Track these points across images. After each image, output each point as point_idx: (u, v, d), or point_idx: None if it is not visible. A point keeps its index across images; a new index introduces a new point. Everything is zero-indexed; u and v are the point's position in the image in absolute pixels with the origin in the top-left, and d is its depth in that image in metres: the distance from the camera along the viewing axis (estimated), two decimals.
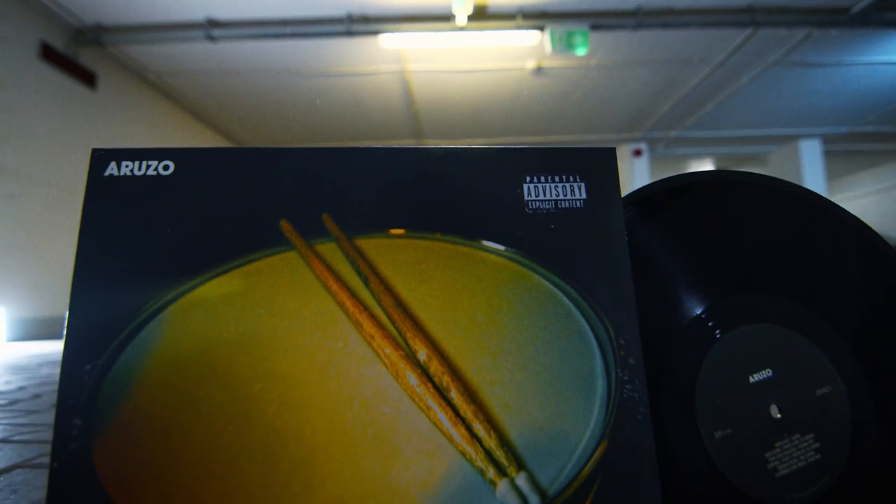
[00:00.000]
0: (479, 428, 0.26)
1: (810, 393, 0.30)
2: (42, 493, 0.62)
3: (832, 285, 0.31)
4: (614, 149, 0.32)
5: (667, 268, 0.32)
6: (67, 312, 0.27)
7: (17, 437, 0.89)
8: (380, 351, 0.27)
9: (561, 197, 0.30)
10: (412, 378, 0.27)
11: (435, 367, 0.27)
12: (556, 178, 0.31)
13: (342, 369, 0.27)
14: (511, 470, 0.26)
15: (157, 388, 0.26)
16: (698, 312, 0.31)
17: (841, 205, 0.32)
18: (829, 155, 7.37)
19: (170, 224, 0.28)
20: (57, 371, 1.70)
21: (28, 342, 3.10)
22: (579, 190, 0.31)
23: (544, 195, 0.30)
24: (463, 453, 0.26)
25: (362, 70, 4.50)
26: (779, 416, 0.29)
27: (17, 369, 1.79)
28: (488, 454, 0.26)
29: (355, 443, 0.26)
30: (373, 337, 0.27)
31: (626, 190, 0.34)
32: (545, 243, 0.29)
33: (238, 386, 0.26)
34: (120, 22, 3.72)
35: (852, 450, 0.30)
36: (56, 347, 2.65)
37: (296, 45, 4.04)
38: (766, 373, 0.30)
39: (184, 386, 0.26)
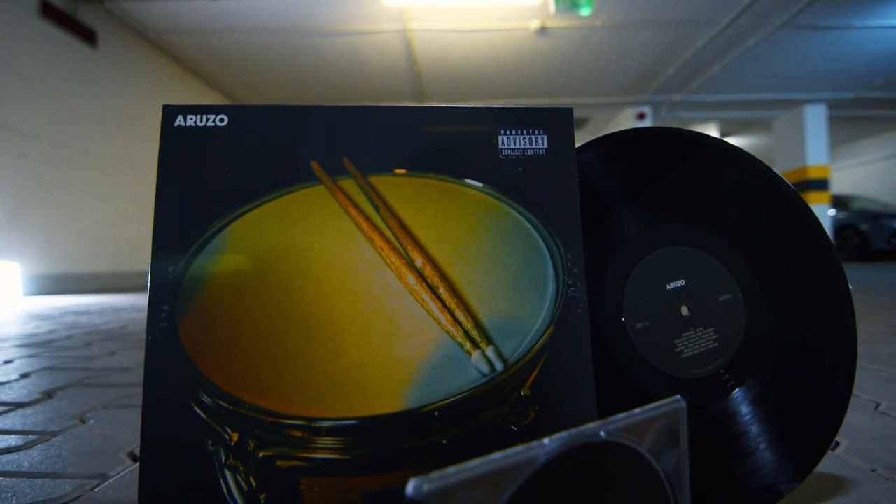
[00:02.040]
0: (459, 314, 0.36)
1: (714, 298, 0.39)
2: (90, 404, 0.74)
3: (735, 215, 0.40)
4: (571, 108, 0.40)
5: (610, 200, 0.41)
6: (152, 230, 0.37)
7: (64, 366, 1.00)
8: (387, 259, 0.36)
9: (527, 146, 0.39)
10: (411, 279, 0.36)
11: (428, 271, 0.36)
12: (525, 132, 0.39)
13: (359, 271, 0.36)
14: (482, 344, 0.36)
15: (223, 283, 0.36)
16: (632, 235, 0.40)
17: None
18: (834, 121, 7.31)
19: (226, 163, 0.37)
20: (78, 319, 1.82)
21: (44, 296, 3.23)
22: (542, 141, 0.39)
23: (514, 145, 0.39)
24: (447, 332, 0.36)
25: (364, 28, 4.45)
26: (687, 314, 0.39)
27: (43, 317, 1.91)
28: (466, 333, 0.36)
29: (369, 324, 0.36)
30: (382, 249, 0.36)
31: None
32: (514, 182, 0.38)
33: (282, 282, 0.36)
34: None
35: (743, 341, 0.39)
36: (72, 301, 2.78)
37: (296, 3, 3.99)
38: (680, 282, 0.39)
39: (242, 282, 0.36)
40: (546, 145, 0.39)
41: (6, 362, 1.03)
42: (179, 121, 0.37)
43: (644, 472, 0.22)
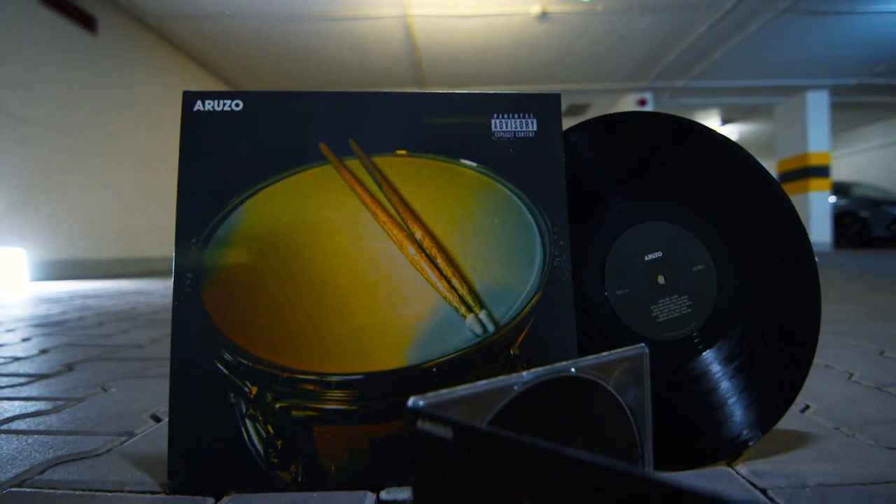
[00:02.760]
0: (455, 282, 0.40)
1: (688, 269, 0.43)
2: (109, 375, 0.78)
3: (709, 192, 0.44)
4: (559, 94, 0.43)
5: (595, 178, 0.45)
6: (176, 205, 0.40)
7: (80, 343, 1.05)
8: (389, 232, 0.40)
9: (518, 129, 0.42)
10: (411, 249, 0.40)
11: (427, 242, 0.40)
12: (516, 116, 0.42)
13: (364, 243, 0.40)
14: (476, 308, 0.39)
15: (241, 254, 0.39)
16: (615, 211, 0.44)
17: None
18: (836, 107, 7.28)
19: (242, 144, 0.41)
20: (87, 302, 1.87)
21: (50, 282, 3.28)
22: (532, 124, 0.42)
23: (506, 128, 0.42)
24: (444, 297, 0.39)
25: (364, 14, 4.43)
26: (663, 282, 0.43)
27: (53, 301, 1.96)
28: (461, 298, 0.40)
29: (373, 290, 0.39)
30: (384, 223, 0.40)
31: None
32: (505, 162, 0.42)
33: (295, 252, 0.39)
34: None
35: (714, 307, 0.43)
36: (78, 286, 2.82)
37: None
38: (658, 254, 0.43)
39: (259, 252, 0.39)
40: (535, 128, 0.42)
41: (24, 340, 1.07)
42: (198, 105, 0.41)
43: (609, 403, 0.26)
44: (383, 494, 0.38)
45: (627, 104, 6.86)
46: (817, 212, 6.52)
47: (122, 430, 0.52)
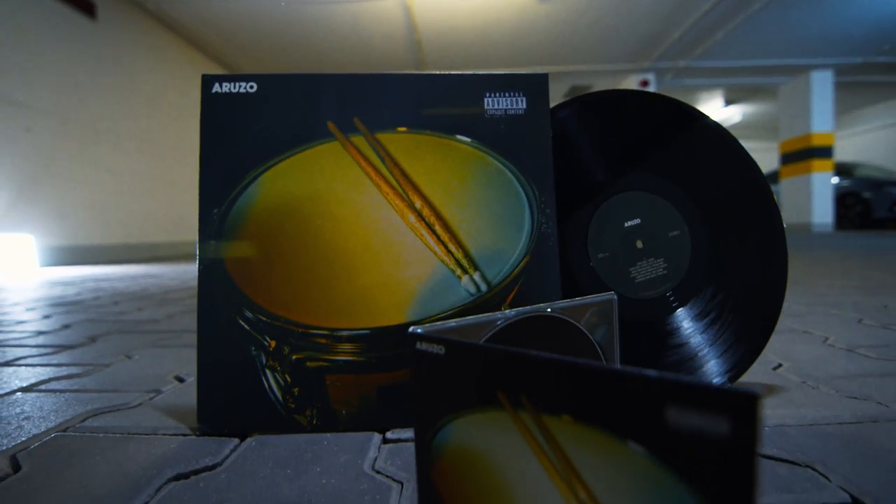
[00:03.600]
0: (451, 247, 0.44)
1: (664, 234, 0.47)
2: (131, 345, 0.83)
3: (685, 164, 0.47)
4: (546, 74, 0.47)
5: (581, 151, 0.49)
6: (199, 179, 0.44)
7: (99, 319, 1.10)
8: (391, 202, 0.44)
9: (509, 107, 0.46)
10: (411, 218, 0.44)
11: (426, 212, 0.44)
12: (507, 94, 0.46)
13: (369, 212, 0.44)
14: (470, 270, 0.44)
15: (259, 222, 0.44)
16: (598, 181, 0.48)
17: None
18: (840, 87, 7.21)
19: (257, 123, 0.44)
20: (99, 284, 1.92)
21: (58, 267, 3.34)
22: (521, 102, 0.46)
23: (498, 105, 0.46)
24: (442, 261, 0.44)
25: None
26: (641, 246, 0.47)
27: (66, 284, 2.01)
28: (457, 261, 0.44)
29: (378, 254, 0.44)
30: (387, 193, 0.44)
31: None
32: (497, 137, 0.46)
33: (307, 221, 0.44)
34: None
35: (688, 269, 0.47)
36: (87, 271, 2.88)
37: None
38: (636, 220, 0.47)
39: (274, 221, 0.44)
40: (525, 106, 0.46)
41: (45, 317, 1.12)
42: (216, 88, 0.45)
43: (580, 339, 0.30)
44: (388, 434, 0.43)
45: (629, 85, 6.82)
46: (819, 193, 6.52)
47: (149, 389, 0.57)
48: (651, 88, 6.63)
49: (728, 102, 8.64)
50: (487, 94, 0.46)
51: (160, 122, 4.68)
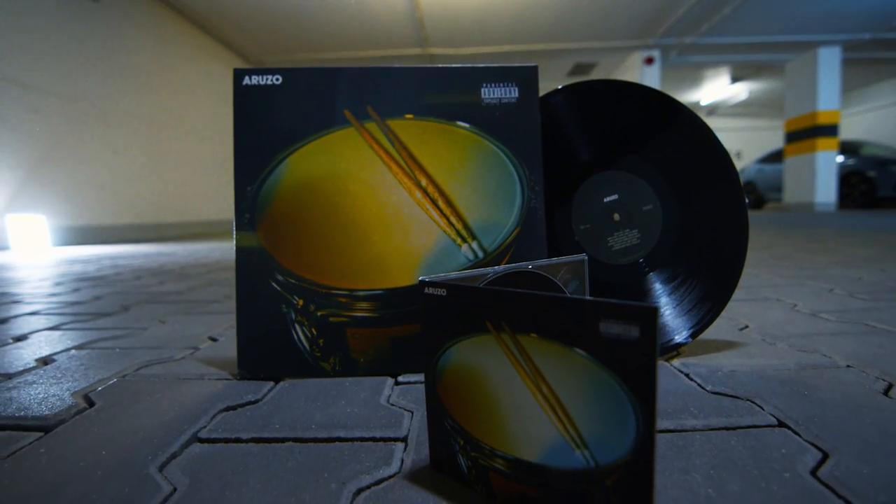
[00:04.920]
0: (452, 219, 0.51)
1: (639, 208, 0.54)
2: (163, 312, 0.91)
3: (659, 145, 0.54)
4: (536, 66, 0.53)
5: (569, 134, 0.55)
6: (234, 162, 0.51)
7: (126, 292, 1.18)
8: (400, 180, 0.51)
9: (503, 96, 0.52)
10: (418, 194, 0.51)
11: (431, 189, 0.51)
12: (501, 84, 0.52)
13: (381, 189, 0.51)
14: (469, 239, 0.51)
15: (286, 198, 0.51)
16: (581, 161, 0.54)
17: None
18: (848, 64, 7.12)
19: (283, 112, 0.51)
20: (116, 262, 2.00)
21: (70, 247, 3.43)
22: (514, 91, 0.52)
23: (493, 95, 0.52)
24: (444, 231, 0.51)
25: None
26: (618, 219, 0.54)
27: (84, 262, 2.10)
28: (457, 232, 0.51)
29: (389, 226, 0.51)
30: (397, 173, 0.51)
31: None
32: (493, 123, 0.52)
33: (328, 196, 0.51)
34: None
35: (658, 239, 0.54)
36: (100, 250, 2.97)
37: None
38: (614, 196, 0.54)
39: (300, 197, 0.51)
40: (517, 95, 0.53)
41: (75, 290, 1.21)
42: (247, 80, 0.51)
43: (555, 292, 0.37)
44: (400, 378, 0.50)
45: (634, 62, 6.76)
46: (823, 172, 6.51)
47: (188, 346, 0.65)
48: (656, 65, 6.57)
49: (734, 79, 8.55)
50: (484, 85, 0.52)
51: (165, 103, 4.71)
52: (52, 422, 0.42)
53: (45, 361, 0.60)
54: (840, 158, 6.77)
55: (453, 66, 0.52)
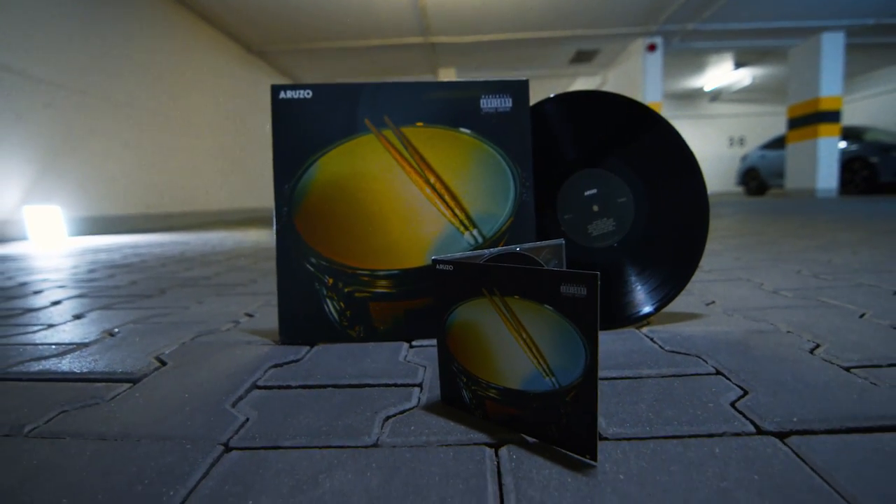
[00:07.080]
0: (457, 211, 0.61)
1: (615, 200, 0.64)
2: (197, 294, 1.01)
3: (632, 146, 0.63)
4: (527, 80, 0.62)
5: (556, 137, 0.65)
6: (273, 164, 0.61)
7: (157, 277, 1.28)
8: (412, 178, 0.61)
9: (499, 105, 0.62)
10: (427, 189, 0.61)
11: (438, 185, 0.61)
12: (497, 96, 0.62)
13: (396, 186, 0.61)
14: (470, 227, 0.61)
15: (317, 194, 0.61)
16: (566, 160, 0.64)
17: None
18: (851, 50, 7.10)
19: (313, 121, 0.61)
20: (137, 250, 2.11)
21: (84, 237, 3.54)
22: (508, 102, 0.62)
23: (490, 105, 0.62)
24: (450, 221, 0.61)
25: None
26: (596, 209, 0.63)
27: (103, 251, 2.21)
28: (461, 221, 0.61)
29: (404, 217, 0.61)
30: (409, 173, 0.61)
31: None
32: (490, 129, 0.62)
33: (352, 193, 0.61)
34: None
35: (631, 226, 0.64)
36: (115, 240, 3.08)
37: None
38: (594, 190, 0.63)
39: (328, 192, 0.61)
40: (511, 105, 0.62)
41: (111, 276, 1.32)
42: (282, 94, 0.61)
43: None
44: (414, 343, 0.61)
45: (637, 49, 6.77)
46: (824, 158, 6.54)
47: (229, 321, 0.76)
48: (659, 52, 6.58)
49: (738, 65, 8.54)
50: (483, 97, 0.62)
51: (174, 96, 4.79)
52: (137, 376, 0.53)
53: (110, 333, 0.71)
54: (843, 144, 6.79)
55: (457, 80, 0.62)
